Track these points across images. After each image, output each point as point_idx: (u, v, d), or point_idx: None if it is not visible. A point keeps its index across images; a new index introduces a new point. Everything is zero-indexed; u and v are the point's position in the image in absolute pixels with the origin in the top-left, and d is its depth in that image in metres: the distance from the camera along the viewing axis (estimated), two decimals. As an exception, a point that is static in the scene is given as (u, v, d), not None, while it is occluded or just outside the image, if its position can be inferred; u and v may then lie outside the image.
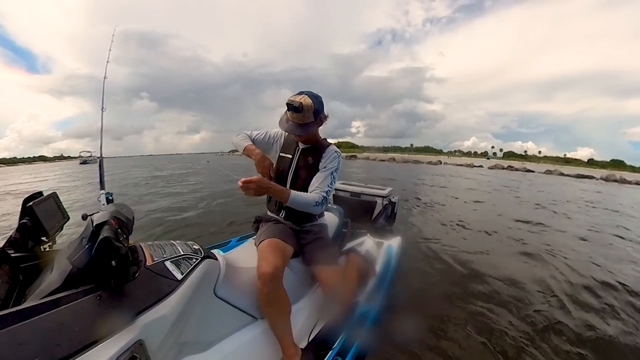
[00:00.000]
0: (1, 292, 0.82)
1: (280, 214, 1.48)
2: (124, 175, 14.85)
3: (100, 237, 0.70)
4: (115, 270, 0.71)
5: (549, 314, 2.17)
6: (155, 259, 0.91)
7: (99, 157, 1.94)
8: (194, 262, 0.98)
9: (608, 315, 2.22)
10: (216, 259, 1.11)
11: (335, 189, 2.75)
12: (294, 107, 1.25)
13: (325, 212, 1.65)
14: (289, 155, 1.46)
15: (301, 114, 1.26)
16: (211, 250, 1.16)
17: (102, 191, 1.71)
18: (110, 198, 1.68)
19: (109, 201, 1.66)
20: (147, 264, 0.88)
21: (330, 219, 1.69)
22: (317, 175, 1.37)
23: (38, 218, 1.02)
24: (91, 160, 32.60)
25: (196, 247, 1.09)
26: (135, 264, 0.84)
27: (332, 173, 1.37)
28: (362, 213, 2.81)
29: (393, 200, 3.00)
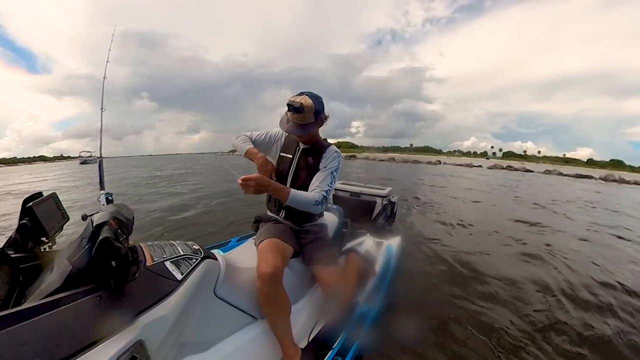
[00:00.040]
0: (1, 293, 0.82)
1: (280, 214, 1.48)
2: (124, 175, 14.84)
3: (100, 238, 0.70)
4: (115, 270, 0.71)
5: (549, 314, 2.18)
6: (155, 259, 0.91)
7: (98, 157, 1.93)
8: (194, 263, 0.98)
9: (608, 315, 2.22)
10: (216, 259, 1.11)
11: (335, 189, 2.75)
12: (294, 108, 1.25)
13: (325, 212, 1.65)
14: (290, 155, 1.46)
15: (302, 115, 1.26)
16: (211, 251, 1.16)
17: (102, 191, 1.71)
18: (110, 198, 1.68)
19: (109, 201, 1.66)
20: (147, 264, 0.88)
21: (330, 218, 1.70)
22: (317, 174, 1.37)
23: (38, 218, 1.02)
24: (91, 160, 32.55)
25: (196, 247, 1.09)
26: (135, 264, 0.84)
27: (332, 173, 1.37)
28: (362, 213, 2.81)
29: (393, 200, 3.00)
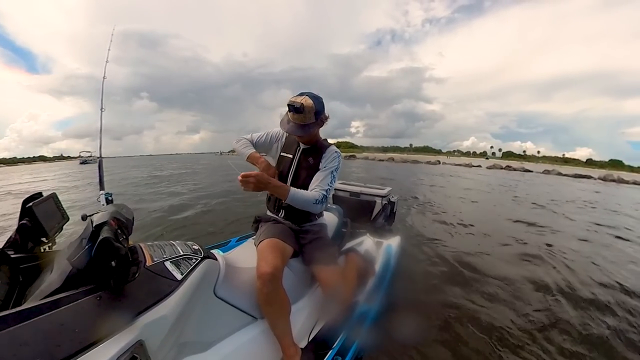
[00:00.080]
0: (1, 293, 0.82)
1: (280, 214, 1.48)
2: (124, 175, 14.82)
3: (100, 238, 0.70)
4: (115, 270, 0.71)
5: (549, 313, 2.18)
6: (155, 260, 0.91)
7: (98, 157, 1.93)
8: (194, 263, 0.98)
9: (607, 314, 2.22)
10: (216, 259, 1.11)
11: (334, 189, 2.76)
12: (295, 108, 1.25)
13: (324, 212, 1.65)
14: (290, 155, 1.46)
15: (302, 115, 1.27)
16: (211, 251, 1.16)
17: (102, 191, 1.71)
18: (109, 198, 1.68)
19: (109, 201, 1.66)
20: (147, 264, 0.88)
21: (329, 218, 1.70)
22: (317, 174, 1.37)
23: (38, 219, 1.02)
24: (91, 160, 32.52)
25: (196, 248, 1.09)
26: (135, 265, 0.84)
27: (332, 172, 1.37)
28: (362, 213, 2.81)
29: (392, 199, 3.00)
